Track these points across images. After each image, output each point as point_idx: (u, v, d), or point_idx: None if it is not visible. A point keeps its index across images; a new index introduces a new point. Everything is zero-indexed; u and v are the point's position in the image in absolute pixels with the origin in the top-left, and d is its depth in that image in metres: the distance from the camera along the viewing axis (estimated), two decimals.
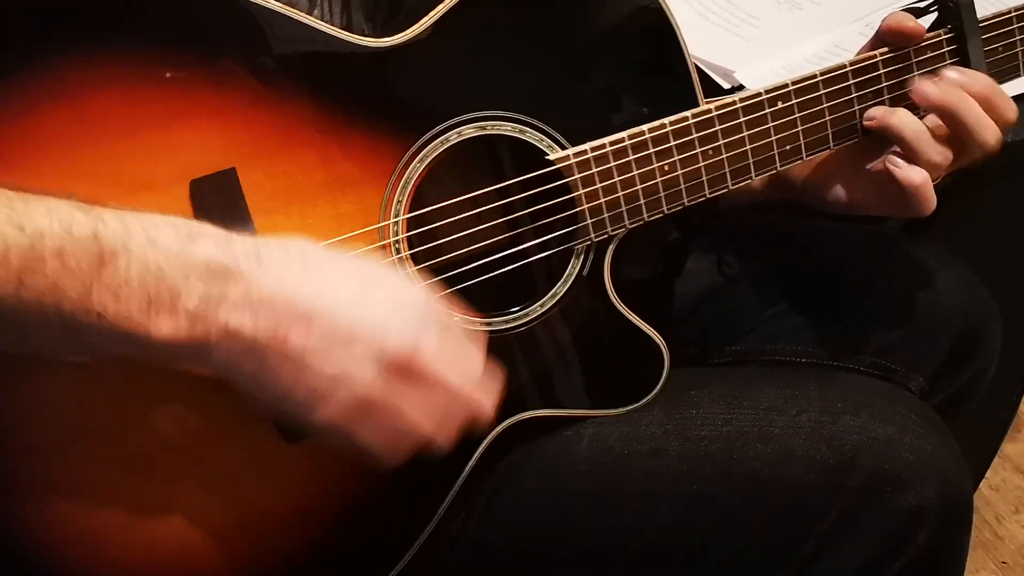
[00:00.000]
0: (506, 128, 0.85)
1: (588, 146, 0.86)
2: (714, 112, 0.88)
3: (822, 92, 0.90)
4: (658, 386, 0.92)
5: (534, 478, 0.92)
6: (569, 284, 0.89)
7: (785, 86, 0.89)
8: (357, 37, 0.82)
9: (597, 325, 0.91)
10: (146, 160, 0.77)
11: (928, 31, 0.92)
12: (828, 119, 0.91)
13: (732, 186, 0.90)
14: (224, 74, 0.78)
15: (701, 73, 1.09)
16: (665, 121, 0.87)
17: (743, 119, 0.89)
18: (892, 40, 0.91)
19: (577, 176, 0.86)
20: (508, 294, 0.88)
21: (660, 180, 0.88)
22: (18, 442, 0.77)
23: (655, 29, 0.87)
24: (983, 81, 0.90)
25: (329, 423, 0.71)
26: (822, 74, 0.90)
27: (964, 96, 0.89)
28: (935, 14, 0.94)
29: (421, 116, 0.84)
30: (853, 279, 1.09)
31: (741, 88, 1.15)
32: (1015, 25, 0.94)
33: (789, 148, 0.91)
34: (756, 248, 1.13)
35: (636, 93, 0.88)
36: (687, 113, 0.87)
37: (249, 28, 0.79)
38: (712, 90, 1.14)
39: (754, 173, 0.91)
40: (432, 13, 0.82)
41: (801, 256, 1.12)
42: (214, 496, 0.81)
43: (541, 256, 0.88)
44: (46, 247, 0.64)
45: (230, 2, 0.78)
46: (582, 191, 0.86)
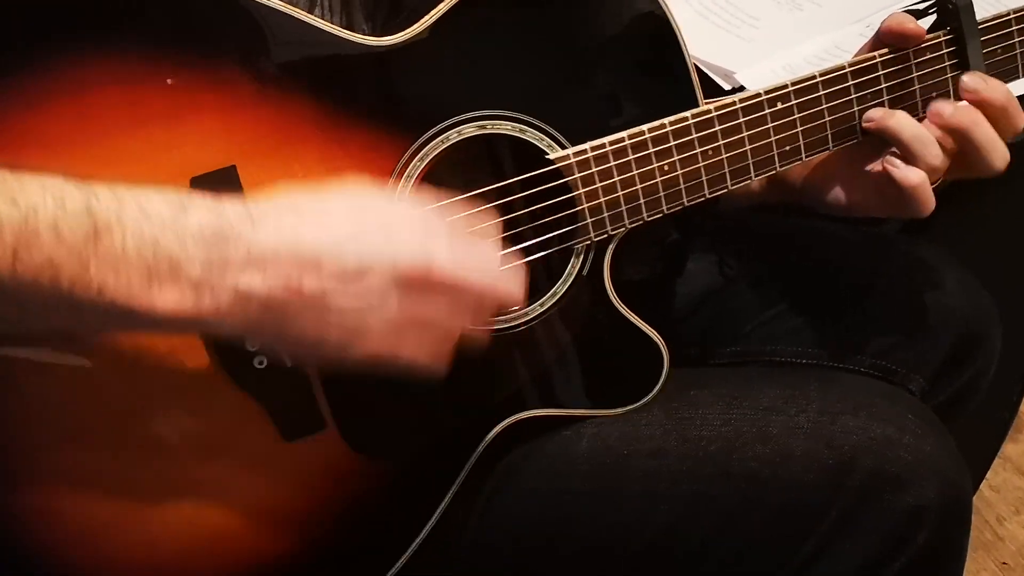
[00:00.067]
0: (506, 127, 0.85)
1: (588, 146, 0.86)
2: (714, 112, 0.88)
3: (822, 93, 0.90)
4: (658, 386, 0.92)
5: (534, 478, 0.92)
6: (569, 284, 0.89)
7: (785, 87, 0.90)
8: (358, 36, 0.82)
9: (597, 325, 0.91)
10: (146, 158, 0.77)
11: (927, 33, 0.92)
12: (828, 120, 0.91)
13: (732, 186, 0.90)
14: (224, 72, 0.79)
15: (701, 74, 1.09)
16: (665, 121, 0.87)
17: (743, 119, 0.89)
18: (892, 41, 0.91)
19: (577, 175, 0.86)
20: None
21: (660, 180, 0.88)
22: (19, 442, 0.77)
23: (655, 29, 0.87)
24: (1002, 90, 0.90)
25: (370, 354, 0.72)
26: (822, 75, 0.90)
27: (978, 118, 0.89)
28: (934, 16, 0.94)
29: (421, 115, 0.84)
30: (853, 280, 1.09)
31: (741, 89, 1.14)
32: (1014, 27, 0.94)
33: (789, 149, 0.91)
34: (756, 249, 1.13)
35: (636, 93, 0.88)
36: (687, 113, 0.88)
37: (250, 27, 0.79)
38: (712, 91, 1.14)
39: (754, 173, 0.91)
40: (433, 12, 0.83)
41: (801, 257, 1.12)
42: (213, 495, 0.81)
43: (541, 255, 0.88)
44: (40, 221, 0.64)
45: (231, 1, 0.79)
46: (582, 190, 0.86)
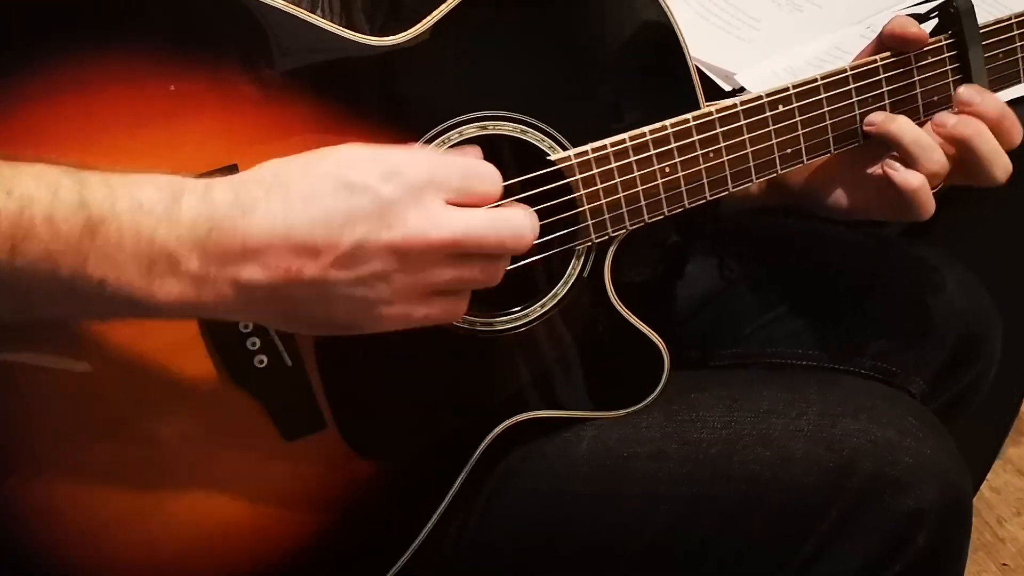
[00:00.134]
0: (507, 128, 0.85)
1: (589, 147, 0.86)
2: (715, 115, 0.88)
3: (823, 96, 0.90)
4: (658, 388, 0.92)
5: (533, 479, 0.92)
6: (569, 285, 0.89)
7: (786, 90, 0.90)
8: (360, 36, 0.82)
9: (597, 327, 0.91)
10: (148, 156, 0.77)
11: (929, 37, 0.92)
12: (829, 123, 0.91)
13: (733, 189, 0.90)
14: (226, 71, 0.78)
15: (701, 75, 1.09)
16: (666, 123, 0.87)
17: (744, 122, 0.89)
18: (894, 45, 0.91)
19: (578, 176, 0.86)
20: (508, 294, 0.88)
21: (661, 182, 0.88)
22: (18, 441, 0.77)
23: (656, 31, 0.87)
24: (996, 104, 0.90)
25: (384, 324, 0.72)
26: (823, 78, 0.90)
27: (981, 129, 0.89)
28: (935, 20, 0.94)
29: (422, 115, 0.84)
30: (853, 282, 1.09)
31: (742, 90, 1.15)
32: (1015, 32, 0.94)
33: (790, 151, 0.91)
34: (756, 251, 1.13)
35: (637, 94, 0.88)
36: (688, 115, 0.87)
37: (251, 26, 0.79)
38: (712, 91, 1.14)
39: (755, 176, 0.91)
40: (434, 13, 0.82)
41: (801, 259, 1.12)
42: (213, 495, 0.81)
43: (541, 257, 0.88)
44: (35, 212, 0.64)
45: (233, 1, 0.79)
46: (583, 192, 0.86)
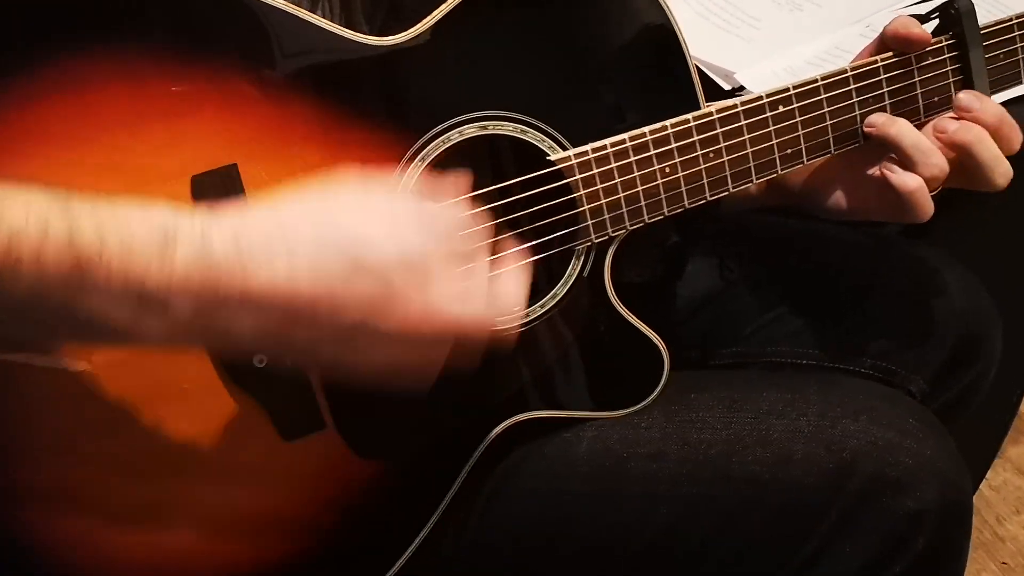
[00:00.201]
0: (507, 128, 0.85)
1: (589, 147, 0.86)
2: (715, 115, 0.88)
3: (823, 96, 0.90)
4: (658, 388, 0.92)
5: (533, 479, 0.92)
6: (569, 285, 0.89)
7: (786, 90, 0.89)
8: (361, 36, 0.82)
9: (597, 327, 0.91)
10: (147, 155, 0.77)
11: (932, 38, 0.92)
12: (829, 123, 0.91)
13: (733, 189, 0.90)
14: (226, 70, 0.78)
15: (701, 74, 1.09)
16: (667, 123, 0.87)
17: (744, 122, 0.89)
18: (897, 46, 0.91)
19: (578, 177, 0.86)
20: None
21: (661, 182, 0.88)
22: (18, 442, 0.77)
23: (656, 31, 0.87)
24: (995, 110, 0.90)
25: (358, 379, 0.72)
26: (823, 78, 0.90)
27: (982, 135, 0.89)
28: (936, 21, 0.94)
29: (423, 115, 0.84)
30: (853, 282, 1.09)
31: (742, 89, 1.15)
32: (1016, 32, 0.94)
33: (790, 152, 0.91)
34: (756, 251, 1.13)
35: (637, 94, 0.88)
36: (688, 115, 0.87)
37: (252, 25, 0.79)
38: (712, 91, 1.14)
39: (755, 176, 0.91)
40: (434, 13, 0.82)
41: (801, 259, 1.12)
42: (212, 495, 0.81)
43: (541, 256, 0.88)
44: (23, 249, 0.62)
45: (234, 0, 0.78)
46: (583, 192, 0.86)
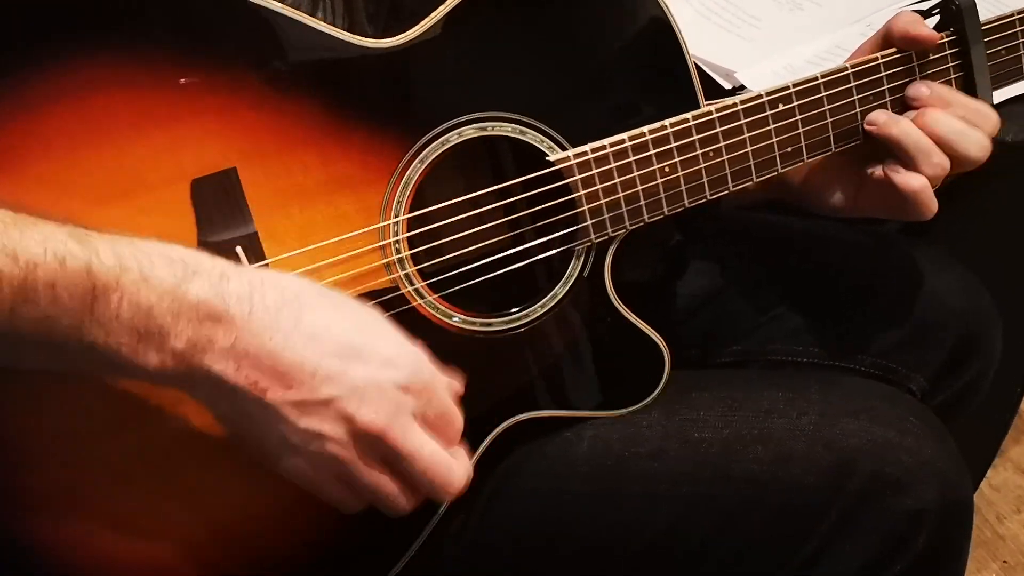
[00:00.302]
0: (507, 129, 0.85)
1: (588, 147, 0.86)
2: (715, 114, 0.88)
3: (824, 94, 0.90)
4: (659, 388, 0.92)
5: (534, 479, 0.92)
6: (569, 285, 0.89)
7: (786, 88, 0.89)
8: (358, 38, 0.82)
9: (598, 326, 0.91)
10: (148, 160, 0.77)
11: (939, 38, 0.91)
12: (830, 121, 0.91)
13: (733, 188, 0.90)
14: (225, 74, 0.78)
15: (702, 73, 1.09)
16: (666, 123, 0.87)
17: (744, 121, 0.89)
18: (904, 45, 0.91)
19: (578, 177, 0.86)
20: (508, 295, 0.88)
21: (661, 181, 0.88)
22: (18, 441, 0.77)
23: (656, 30, 0.87)
24: (943, 90, 0.90)
25: (294, 473, 0.73)
26: (823, 76, 0.90)
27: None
28: (937, 17, 0.93)
29: (422, 117, 0.84)
30: (853, 281, 1.09)
31: (742, 88, 1.14)
32: (1018, 28, 0.94)
33: (790, 150, 0.91)
34: (756, 250, 1.13)
35: (637, 94, 0.88)
36: (688, 115, 0.87)
37: (251, 29, 0.79)
38: (713, 90, 1.14)
39: (755, 175, 0.90)
40: (433, 14, 0.82)
41: (801, 258, 1.12)
42: (212, 495, 0.81)
43: (541, 257, 0.88)
44: (39, 279, 0.64)
45: (232, 3, 0.78)
46: (582, 192, 0.86)
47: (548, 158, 0.86)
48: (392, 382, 0.72)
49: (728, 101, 0.89)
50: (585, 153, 0.86)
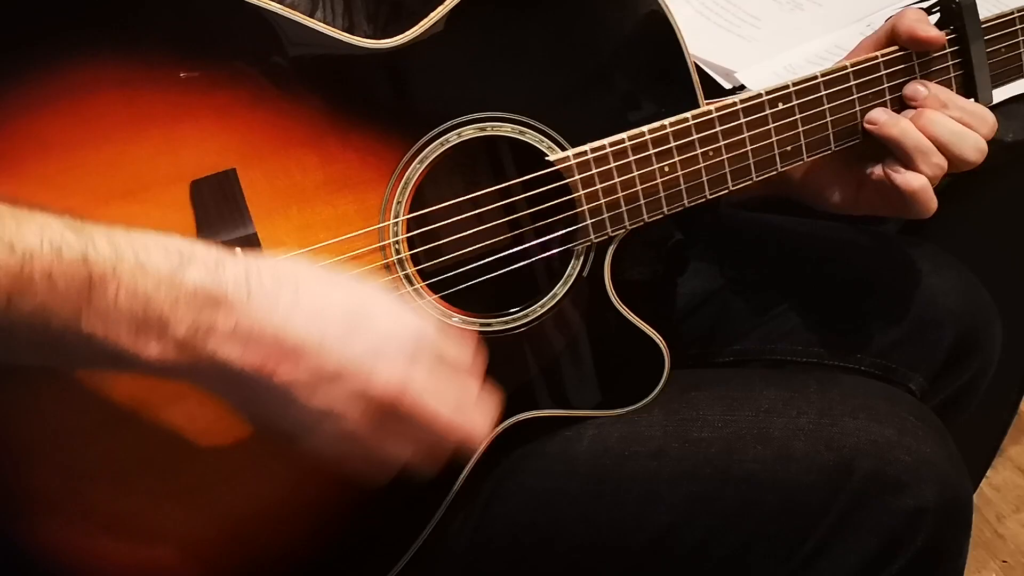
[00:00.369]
0: (506, 129, 0.85)
1: (588, 147, 0.86)
2: (715, 113, 0.88)
3: (823, 93, 0.90)
4: (658, 387, 0.92)
5: (534, 478, 0.92)
6: (569, 285, 0.89)
7: (786, 87, 0.89)
8: (357, 39, 0.82)
9: (597, 326, 0.91)
10: (147, 161, 0.77)
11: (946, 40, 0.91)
12: (829, 120, 0.91)
13: (733, 187, 0.90)
14: (224, 76, 0.78)
15: (703, 73, 1.09)
16: (665, 122, 0.87)
17: (744, 120, 0.89)
18: (909, 45, 0.90)
19: (577, 177, 0.86)
20: (508, 295, 0.88)
21: (660, 181, 0.88)
22: (18, 441, 0.77)
23: (655, 30, 0.87)
24: (941, 91, 0.90)
25: (314, 452, 0.72)
26: (823, 75, 0.90)
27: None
28: (937, 15, 0.93)
29: (421, 117, 0.84)
30: (853, 279, 1.09)
31: (742, 88, 1.14)
32: (1018, 26, 0.94)
33: (790, 149, 0.91)
34: (756, 250, 1.13)
35: (636, 94, 0.88)
36: (687, 114, 0.87)
37: (250, 30, 0.79)
38: (713, 90, 1.14)
39: (755, 174, 0.90)
40: (432, 15, 0.82)
41: (801, 258, 1.12)
42: (213, 495, 0.81)
43: (541, 257, 0.88)
44: (35, 268, 0.64)
45: (231, 5, 0.78)
46: (582, 192, 0.86)
47: (548, 158, 0.86)
48: (399, 348, 0.71)
49: (728, 100, 0.89)
50: (585, 153, 0.86)
